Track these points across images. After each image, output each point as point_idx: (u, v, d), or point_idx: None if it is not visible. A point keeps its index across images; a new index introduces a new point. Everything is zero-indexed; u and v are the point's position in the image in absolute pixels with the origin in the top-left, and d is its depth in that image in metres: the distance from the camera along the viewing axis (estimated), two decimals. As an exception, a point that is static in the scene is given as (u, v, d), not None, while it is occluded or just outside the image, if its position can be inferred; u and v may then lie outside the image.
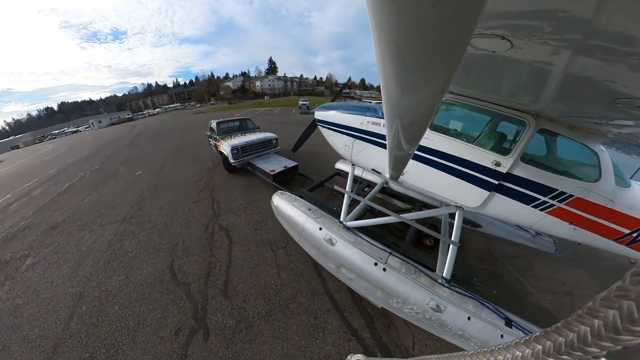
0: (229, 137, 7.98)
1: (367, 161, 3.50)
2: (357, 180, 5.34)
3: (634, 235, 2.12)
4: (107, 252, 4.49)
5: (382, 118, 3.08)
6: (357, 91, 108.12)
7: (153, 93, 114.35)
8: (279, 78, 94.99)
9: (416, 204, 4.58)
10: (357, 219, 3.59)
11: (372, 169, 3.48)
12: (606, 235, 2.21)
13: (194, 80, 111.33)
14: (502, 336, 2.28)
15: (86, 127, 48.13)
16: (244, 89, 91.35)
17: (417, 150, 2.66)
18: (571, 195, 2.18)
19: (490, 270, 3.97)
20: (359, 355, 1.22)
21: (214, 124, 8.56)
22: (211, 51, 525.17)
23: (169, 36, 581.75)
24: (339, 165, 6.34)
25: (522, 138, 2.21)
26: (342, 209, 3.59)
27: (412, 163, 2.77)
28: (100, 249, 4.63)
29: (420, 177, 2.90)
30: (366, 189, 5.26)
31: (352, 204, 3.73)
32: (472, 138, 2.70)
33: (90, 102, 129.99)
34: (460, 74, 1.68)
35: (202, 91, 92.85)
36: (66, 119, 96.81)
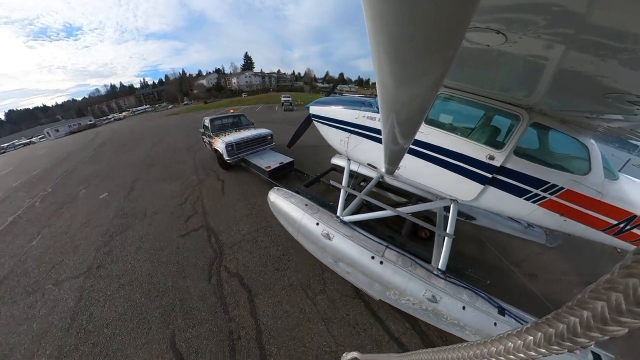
0: (223, 134, 7.90)
1: (362, 156, 3.51)
2: (353, 175, 5.36)
3: (621, 226, 2.19)
4: (71, 332, 3.00)
5: (378, 112, 3.08)
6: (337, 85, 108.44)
7: (118, 95, 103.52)
8: (256, 74, 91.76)
9: (412, 197, 4.63)
10: (353, 213, 3.61)
11: (368, 164, 3.49)
12: (595, 226, 2.28)
13: (163, 80, 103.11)
14: (495, 324, 2.35)
15: (41, 138, 40.17)
16: (219, 87, 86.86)
17: (412, 144, 2.67)
18: (562, 188, 2.23)
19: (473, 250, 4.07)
20: (354, 353, 1.24)
21: (207, 121, 8.45)
22: (182, 48, 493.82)
23: (133, 32, 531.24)
24: (335, 161, 6.34)
25: (515, 132, 2.24)
26: (339, 203, 3.61)
27: (407, 157, 2.79)
28: (59, 326, 3.12)
29: (415, 171, 2.93)
30: (362, 184, 5.28)
31: (349, 198, 3.75)
32: (466, 132, 2.72)
33: (45, 108, 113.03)
34: (455, 68, 1.69)
35: (174, 91, 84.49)
36: (16, 129, 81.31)
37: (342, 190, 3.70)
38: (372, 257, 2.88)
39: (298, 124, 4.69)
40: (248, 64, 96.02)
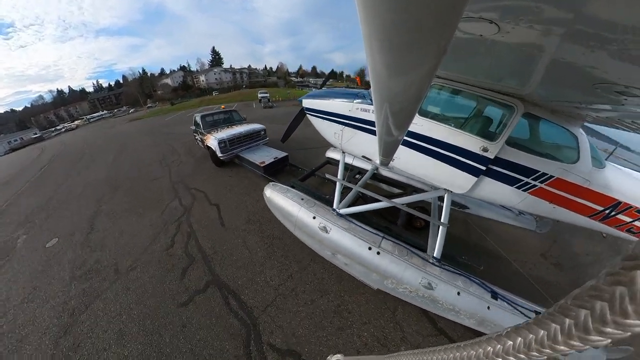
0: (216, 131, 7.74)
1: (357, 148, 3.51)
2: (348, 167, 5.37)
3: (607, 212, 2.28)
4: None
5: (371, 104, 3.07)
6: (311, 79, 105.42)
7: (68, 102, 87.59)
8: (226, 70, 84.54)
9: (407, 188, 4.68)
10: (349, 205, 3.64)
11: (363, 156, 3.50)
12: (582, 213, 2.36)
13: (121, 81, 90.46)
14: (488, 307, 2.45)
15: (-32, 162, 30.90)
16: (186, 86, 78.21)
17: (406, 136, 2.68)
18: (552, 176, 2.29)
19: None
20: (338, 355, 1.26)
21: (198, 118, 8.25)
22: (139, 44, 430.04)
23: (79, 27, 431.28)
24: (329, 154, 6.33)
25: (509, 122, 2.27)
26: (335, 196, 3.63)
27: (401, 149, 2.80)
28: None
29: (409, 163, 2.95)
30: (357, 176, 5.31)
31: (344, 191, 3.77)
32: (460, 123, 2.74)
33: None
34: (449, 58, 1.68)
35: (135, 93, 74.47)
36: None
37: (337, 183, 3.71)
38: (369, 248, 2.93)
39: (281, 121, 4.69)
40: (216, 59, 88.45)
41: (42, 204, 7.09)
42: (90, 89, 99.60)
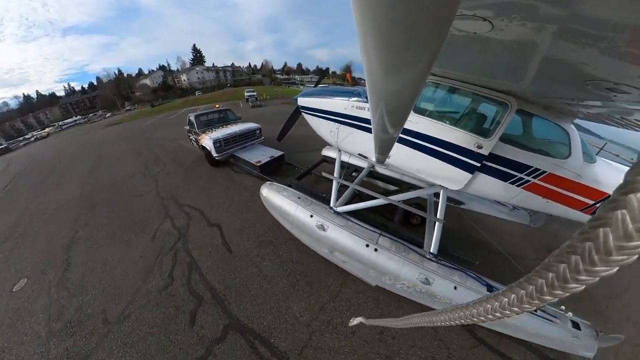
0: (210, 130, 7.64)
1: (353, 146, 3.51)
2: (344, 165, 5.38)
3: (597, 205, 2.32)
4: None
5: (367, 102, 3.07)
6: (297, 77, 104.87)
7: (36, 107, 77.95)
8: (208, 69, 79.96)
9: (403, 185, 4.71)
10: (346, 203, 3.66)
11: (359, 154, 3.51)
12: (574, 207, 2.41)
13: (95, 83, 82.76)
14: None
15: None
16: (167, 86, 72.70)
17: (402, 133, 2.70)
18: (544, 172, 2.33)
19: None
20: (360, 318, 1.32)
21: (192, 117, 8.12)
22: (113, 42, 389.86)
23: (44, 26, 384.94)
24: (326, 152, 6.33)
25: (503, 119, 2.30)
26: (332, 194, 3.63)
27: (397, 146, 2.82)
28: None
29: (405, 160, 2.97)
30: (354, 174, 5.32)
31: (341, 189, 3.78)
32: (454, 120, 2.77)
33: None
34: (443, 56, 1.69)
35: (111, 95, 68.51)
36: None
37: (334, 182, 3.72)
38: (367, 245, 2.95)
39: (273, 121, 4.64)
40: (198, 57, 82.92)
41: (6, 232, 5.69)
42: (61, 93, 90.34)
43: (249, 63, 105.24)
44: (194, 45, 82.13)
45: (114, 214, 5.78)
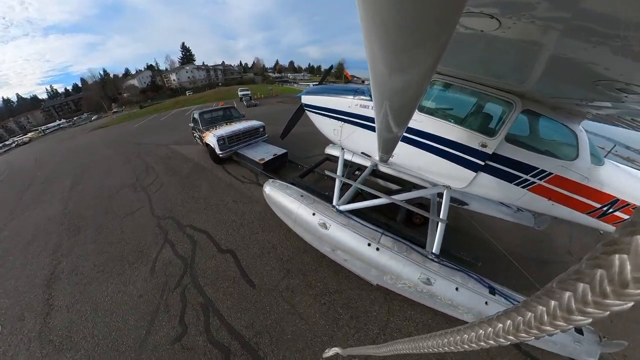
0: (214, 128, 7.70)
1: (356, 145, 3.50)
2: (347, 164, 5.36)
3: (605, 209, 2.29)
4: None
5: (371, 100, 3.05)
6: (289, 75, 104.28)
7: (17, 112, 72.54)
8: (198, 68, 77.32)
9: (406, 184, 4.69)
10: (349, 202, 3.65)
11: (362, 153, 3.49)
12: (580, 210, 2.37)
13: (79, 85, 78.69)
14: (486, 303, 2.47)
15: None
16: (156, 86, 69.84)
17: (405, 132, 2.68)
18: (550, 173, 2.29)
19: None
20: (336, 349, 1.27)
21: (196, 115, 8.21)
22: (98, 42, 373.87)
23: (23, 25, 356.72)
24: (329, 150, 6.32)
25: (508, 119, 2.27)
26: (334, 193, 3.63)
27: (400, 145, 2.80)
28: None
29: (409, 159, 2.95)
30: (357, 173, 5.31)
31: (344, 187, 3.77)
32: (459, 119, 2.74)
33: None
34: (449, 54, 1.67)
35: (96, 97, 64.67)
36: None
37: (337, 180, 3.72)
38: (369, 244, 2.94)
39: (271, 121, 4.56)
40: (187, 56, 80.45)
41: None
42: (43, 96, 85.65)
43: (240, 61, 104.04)
44: (183, 43, 79.77)
45: (102, 238, 4.81)
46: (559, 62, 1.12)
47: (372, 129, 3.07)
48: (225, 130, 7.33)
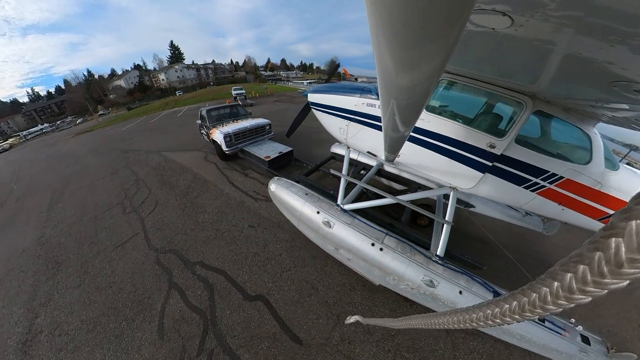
0: (221, 125, 7.78)
1: (362, 144, 3.48)
2: (352, 163, 5.34)
3: None
4: None
5: (377, 99, 3.03)
6: (282, 73, 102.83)
7: None
8: (188, 67, 73.99)
9: (411, 185, 4.64)
10: (353, 201, 3.64)
11: (368, 152, 3.47)
12: (592, 216, 2.30)
13: (62, 87, 74.50)
14: None
15: None
16: (144, 87, 66.68)
17: (412, 131, 2.65)
18: (561, 177, 2.23)
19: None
20: (357, 316, 1.30)
21: (204, 112, 8.34)
22: (80, 41, 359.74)
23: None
24: (334, 149, 6.31)
25: (518, 120, 2.21)
26: (339, 192, 3.63)
27: (407, 145, 2.77)
28: None
29: (415, 159, 2.92)
30: (362, 172, 5.29)
31: (349, 187, 3.76)
32: (467, 119, 2.69)
33: None
34: (458, 53, 1.64)
35: (81, 99, 61.40)
36: None
37: (342, 179, 3.71)
38: (372, 244, 2.93)
39: (272, 121, 4.43)
40: (176, 55, 76.74)
41: None
42: (24, 99, 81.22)
43: (231, 60, 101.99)
44: (172, 42, 76.34)
45: (89, 280, 3.76)
46: (573, 61, 1.09)
47: (379, 128, 3.05)
48: (231, 127, 7.40)
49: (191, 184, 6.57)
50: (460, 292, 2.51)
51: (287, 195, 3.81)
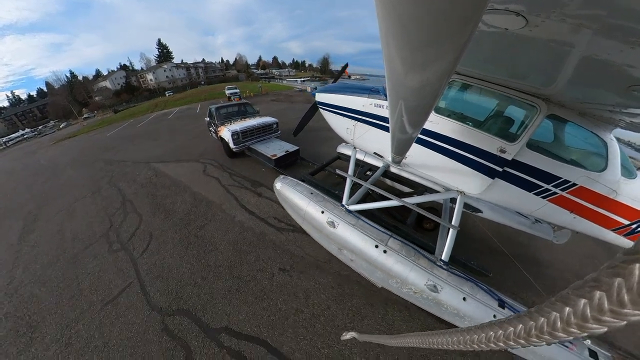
0: (229, 123, 7.89)
1: (369, 144, 3.46)
2: (358, 163, 5.32)
3: (633, 226, 2.13)
4: None
5: (386, 100, 3.01)
6: (275, 71, 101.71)
7: None
8: (177, 66, 71.48)
9: (418, 187, 4.59)
10: (359, 202, 3.62)
11: (374, 153, 3.45)
12: (605, 225, 2.22)
13: (44, 89, 70.19)
14: (494, 316, 2.38)
15: None
16: (131, 88, 63.71)
17: (420, 133, 2.61)
18: (574, 184, 2.16)
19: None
20: (353, 333, 1.28)
21: (213, 109, 8.48)
22: (63, 42, 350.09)
23: None
24: (341, 149, 6.30)
25: (531, 124, 2.15)
26: (344, 192, 3.62)
27: (414, 147, 2.74)
28: None
29: (422, 162, 2.88)
30: (368, 173, 5.26)
31: (354, 187, 3.75)
32: (478, 122, 2.64)
33: None
34: (469, 53, 1.61)
35: (64, 102, 57.61)
36: None
37: (347, 179, 3.70)
38: (376, 246, 2.91)
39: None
40: (164, 54, 73.55)
41: None
42: (4, 103, 76.93)
43: (222, 58, 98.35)
44: (159, 40, 73.44)
45: (75, 358, 2.74)
46: (591, 64, 1.05)
47: (386, 129, 3.02)
48: (239, 125, 7.48)
49: (192, 208, 5.23)
50: (464, 299, 2.46)
51: (292, 194, 3.82)
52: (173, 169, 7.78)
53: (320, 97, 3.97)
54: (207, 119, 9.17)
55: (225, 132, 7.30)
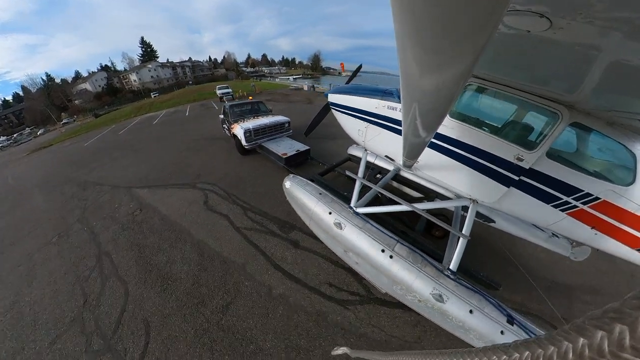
0: (242, 120, 8.08)
1: (380, 147, 3.43)
2: (369, 166, 5.27)
3: None
4: None
5: (399, 102, 2.97)
6: (265, 69, 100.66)
7: None
8: (163, 65, 67.50)
9: (428, 193, 4.49)
10: (367, 205, 3.59)
11: (386, 156, 3.41)
12: (630, 244, 2.08)
13: (20, 94, 65.91)
14: (502, 332, 2.28)
15: None
16: (113, 89, 60.52)
17: (433, 138, 2.56)
18: (597, 198, 2.04)
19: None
20: (344, 348, 1.22)
21: (227, 107, 8.72)
22: (39, 42, 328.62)
23: None
24: (352, 151, 6.28)
25: (551, 132, 2.05)
26: (353, 194, 3.60)
27: (426, 151, 2.68)
28: None
29: (434, 167, 2.81)
30: (378, 176, 5.20)
31: (363, 190, 3.72)
32: (494, 128, 2.54)
33: None
34: (487, 56, 1.55)
35: (41, 107, 54.18)
36: None
37: (357, 181, 3.67)
38: (382, 251, 2.87)
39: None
40: (148, 52, 69.34)
41: None
42: None
43: (209, 57, 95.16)
44: (142, 38, 69.54)
45: None
46: (620, 69, 0.99)
47: (398, 132, 2.98)
48: (252, 123, 7.67)
49: (200, 273, 3.61)
50: (471, 312, 2.38)
51: (301, 194, 3.84)
52: (163, 199, 5.84)
53: (333, 98, 3.97)
54: (221, 116, 9.45)
55: (238, 130, 7.49)
